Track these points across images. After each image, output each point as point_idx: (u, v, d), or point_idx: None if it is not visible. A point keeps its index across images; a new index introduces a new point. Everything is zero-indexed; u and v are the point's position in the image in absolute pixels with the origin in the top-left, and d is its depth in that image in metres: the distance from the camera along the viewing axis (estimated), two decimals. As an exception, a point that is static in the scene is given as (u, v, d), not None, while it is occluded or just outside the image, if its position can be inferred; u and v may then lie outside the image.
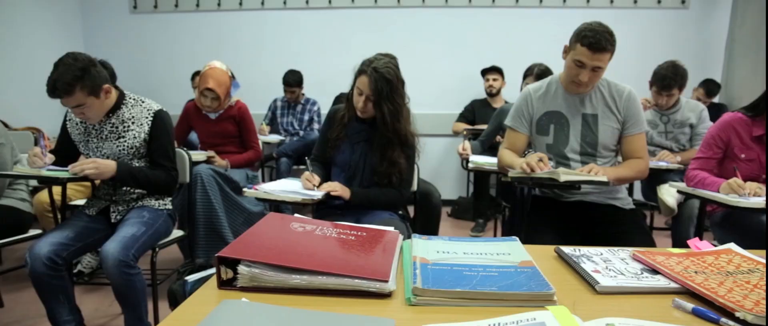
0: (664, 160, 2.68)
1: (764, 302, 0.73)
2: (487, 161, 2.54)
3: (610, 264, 0.88)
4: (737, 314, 0.68)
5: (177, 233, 2.13)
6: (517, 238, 0.97)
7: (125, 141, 1.89)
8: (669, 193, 2.48)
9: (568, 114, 1.86)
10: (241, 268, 0.77)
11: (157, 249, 1.94)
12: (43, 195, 2.53)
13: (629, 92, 1.83)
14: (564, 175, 1.59)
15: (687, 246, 1.05)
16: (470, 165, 2.60)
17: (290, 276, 0.75)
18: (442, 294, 0.72)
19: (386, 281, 0.74)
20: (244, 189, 1.74)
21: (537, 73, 3.00)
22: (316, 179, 1.77)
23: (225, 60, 3.04)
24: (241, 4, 4.54)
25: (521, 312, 0.65)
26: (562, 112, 1.87)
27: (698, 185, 1.97)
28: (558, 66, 1.92)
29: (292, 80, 4.01)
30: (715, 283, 0.79)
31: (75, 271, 2.60)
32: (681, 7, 4.22)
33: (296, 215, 1.04)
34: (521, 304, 0.71)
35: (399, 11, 4.47)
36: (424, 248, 0.90)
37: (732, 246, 0.97)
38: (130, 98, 1.94)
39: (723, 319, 0.69)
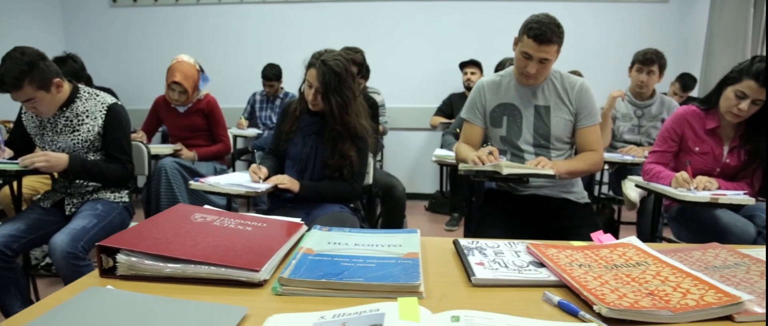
0: (631, 154, 2.68)
1: (630, 295, 0.73)
2: (449, 154, 2.54)
3: (501, 256, 0.89)
4: (594, 307, 0.69)
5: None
6: (418, 230, 0.97)
7: (79, 134, 1.90)
8: (632, 187, 2.48)
9: (521, 106, 1.86)
10: (120, 257, 0.78)
11: (112, 241, 1.95)
12: (9, 189, 2.54)
13: (581, 84, 1.83)
14: (507, 169, 1.59)
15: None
16: (433, 158, 2.60)
17: (166, 265, 0.76)
18: (308, 284, 0.72)
19: (256, 271, 0.74)
20: (191, 182, 1.75)
21: (508, 67, 2.98)
22: (264, 172, 1.77)
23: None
24: (220, -3, 4.54)
25: (371, 303, 0.65)
26: (515, 104, 1.87)
27: (653, 179, 1.97)
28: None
29: (271, 74, 4.01)
30: (593, 276, 0.80)
31: (43, 263, 2.62)
32: (660, 1, 4.19)
33: (206, 206, 1.05)
34: (385, 295, 0.71)
35: (378, 4, 4.45)
36: (316, 239, 0.91)
37: (632, 239, 0.97)
38: (84, 92, 1.94)
39: (581, 312, 0.69)
